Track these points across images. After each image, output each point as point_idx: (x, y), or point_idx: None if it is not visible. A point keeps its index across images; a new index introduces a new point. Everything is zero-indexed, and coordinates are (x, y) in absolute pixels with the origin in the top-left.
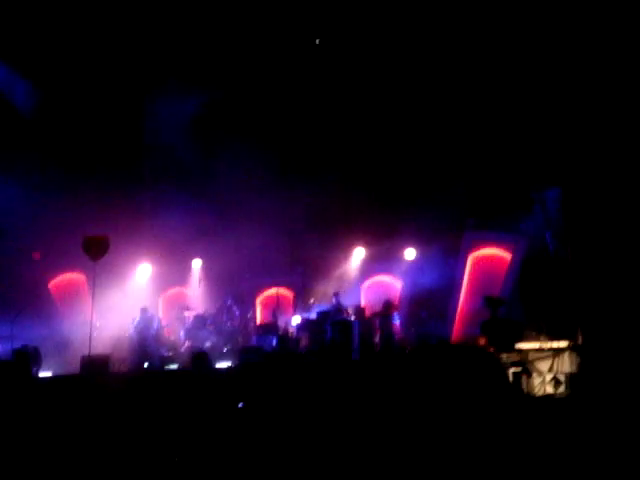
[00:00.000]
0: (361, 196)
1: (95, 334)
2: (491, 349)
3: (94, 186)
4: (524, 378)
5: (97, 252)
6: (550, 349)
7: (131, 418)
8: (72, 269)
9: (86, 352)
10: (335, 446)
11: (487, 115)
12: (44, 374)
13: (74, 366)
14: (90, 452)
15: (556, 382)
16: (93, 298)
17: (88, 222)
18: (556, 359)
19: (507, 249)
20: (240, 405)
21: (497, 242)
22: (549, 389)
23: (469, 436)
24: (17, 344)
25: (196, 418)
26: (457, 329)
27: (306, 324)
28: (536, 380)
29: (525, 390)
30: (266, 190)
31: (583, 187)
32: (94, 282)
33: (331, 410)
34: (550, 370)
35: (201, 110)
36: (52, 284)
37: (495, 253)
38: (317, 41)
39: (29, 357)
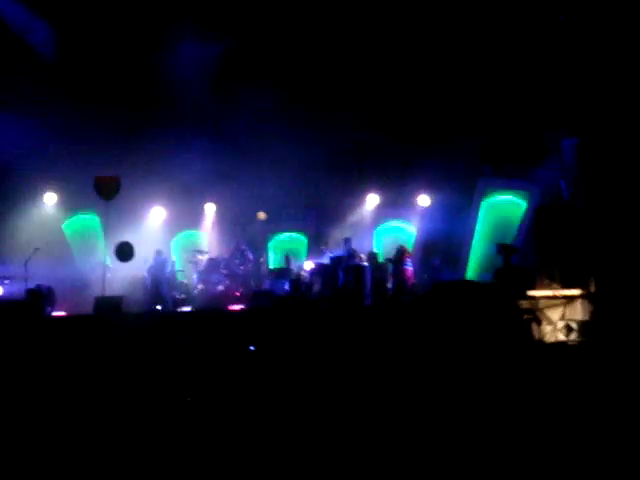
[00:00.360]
0: (376, 141)
1: (109, 275)
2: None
3: (108, 126)
4: (534, 325)
5: (108, 192)
6: (562, 297)
7: (143, 358)
8: (86, 210)
9: (100, 293)
10: (346, 391)
11: (506, 61)
12: (58, 314)
13: (88, 307)
14: (101, 391)
15: (568, 329)
16: (105, 239)
17: (101, 163)
18: (568, 307)
19: (521, 196)
20: (251, 348)
21: (511, 189)
22: (561, 336)
23: (483, 379)
24: (31, 284)
25: (207, 360)
26: (469, 276)
27: (319, 269)
28: (547, 327)
29: (536, 337)
30: (281, 134)
31: (600, 136)
32: (106, 223)
33: (342, 354)
34: (562, 318)
35: (218, 52)
36: (66, 225)
37: (509, 200)
38: None
39: (43, 297)
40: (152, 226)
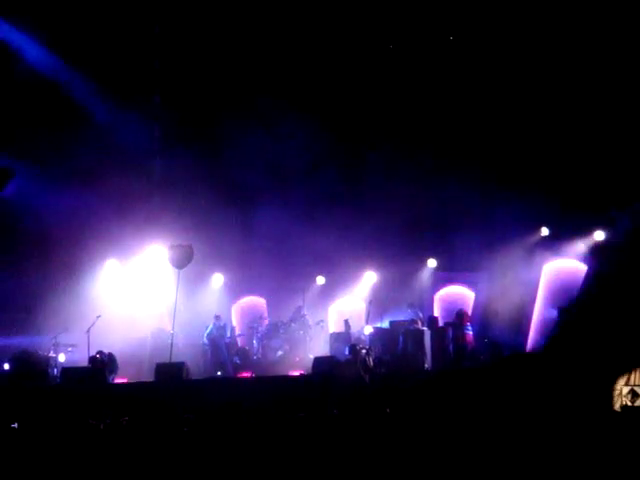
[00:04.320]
0: (434, 204)
1: (170, 342)
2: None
3: (175, 194)
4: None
5: (181, 261)
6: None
7: (203, 424)
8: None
9: (161, 360)
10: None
11: (570, 129)
12: (120, 380)
13: (149, 373)
14: (161, 458)
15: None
16: (176, 306)
17: (168, 230)
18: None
19: (582, 260)
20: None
21: (572, 253)
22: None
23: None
24: (93, 352)
25: (267, 425)
26: (531, 339)
27: (378, 333)
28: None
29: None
30: (341, 201)
31: None
32: (177, 290)
33: (400, 420)
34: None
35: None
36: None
37: (570, 264)
38: None
39: (104, 363)
40: (213, 291)
